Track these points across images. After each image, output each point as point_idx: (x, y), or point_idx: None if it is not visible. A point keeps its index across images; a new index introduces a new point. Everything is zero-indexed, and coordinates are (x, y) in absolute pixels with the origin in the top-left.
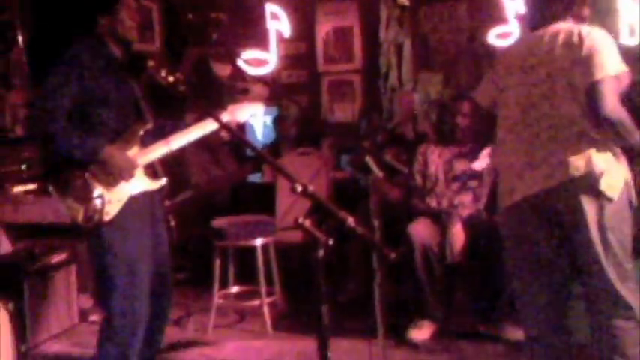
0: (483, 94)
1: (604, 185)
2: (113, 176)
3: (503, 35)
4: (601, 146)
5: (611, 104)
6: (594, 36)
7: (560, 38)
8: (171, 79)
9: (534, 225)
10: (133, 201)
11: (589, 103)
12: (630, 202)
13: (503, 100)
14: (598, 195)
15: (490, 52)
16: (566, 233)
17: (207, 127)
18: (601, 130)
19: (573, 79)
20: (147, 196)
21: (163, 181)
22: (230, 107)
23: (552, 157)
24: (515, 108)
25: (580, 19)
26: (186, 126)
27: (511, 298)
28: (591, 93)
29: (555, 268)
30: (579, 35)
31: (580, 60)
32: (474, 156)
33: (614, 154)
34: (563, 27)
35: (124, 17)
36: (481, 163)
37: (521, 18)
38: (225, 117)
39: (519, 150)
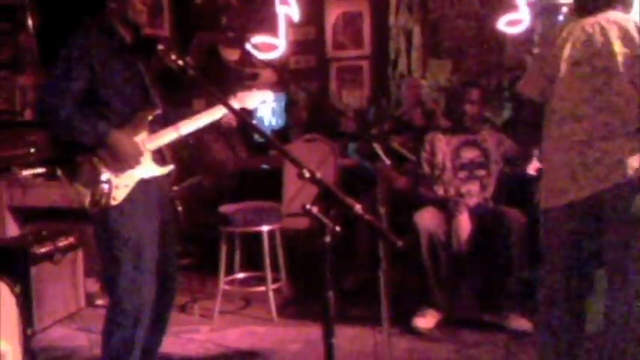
0: (533, 86)
1: None
2: (120, 162)
3: (513, 22)
4: None
5: None
6: None
7: (616, 30)
8: (180, 63)
9: (581, 223)
10: (140, 186)
11: None
12: None
13: (553, 92)
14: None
15: (500, 40)
16: (607, 227)
17: (216, 113)
18: None
19: (633, 75)
20: (154, 181)
21: (171, 166)
22: (239, 94)
23: (607, 157)
24: (565, 101)
25: (628, 6)
26: (194, 112)
27: (516, 289)
28: None
29: (588, 260)
30: (638, 30)
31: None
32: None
33: None
34: (616, 17)
35: (134, 0)
36: (535, 164)
37: (531, 4)
38: (234, 104)
39: (571, 147)
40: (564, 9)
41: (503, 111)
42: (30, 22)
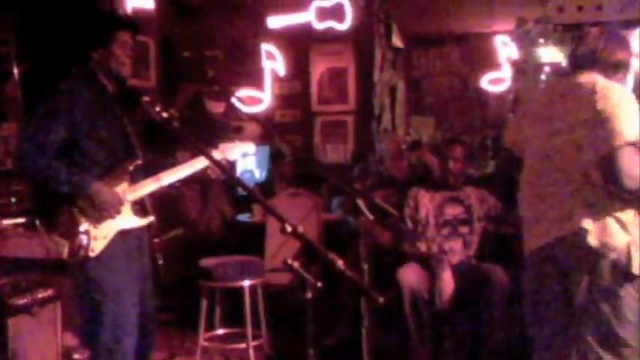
0: (509, 133)
1: (594, 243)
2: (100, 212)
3: (496, 81)
4: (599, 207)
5: (631, 174)
6: (611, 95)
7: (579, 91)
8: (165, 115)
9: (547, 278)
10: (119, 237)
11: (603, 172)
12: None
13: (528, 148)
14: (590, 254)
15: (482, 98)
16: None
17: (198, 164)
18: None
19: (584, 138)
20: (134, 232)
21: (151, 218)
22: (221, 146)
23: (549, 213)
24: (533, 157)
25: (611, 67)
26: (177, 162)
27: (499, 347)
28: (607, 163)
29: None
30: (595, 92)
31: (594, 120)
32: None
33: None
34: (586, 79)
35: (118, 53)
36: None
37: (513, 63)
38: (217, 155)
39: (531, 202)
40: (546, 69)
41: (487, 168)
42: (16, 71)
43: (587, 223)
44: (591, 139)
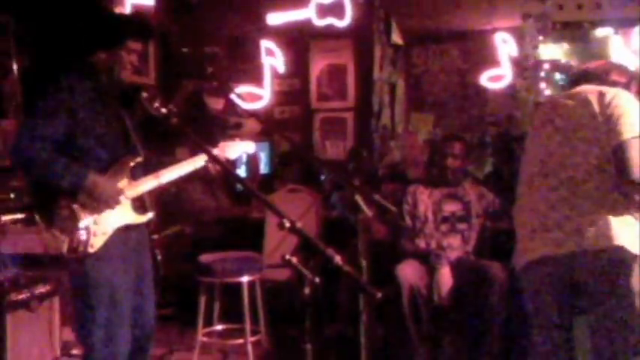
0: None
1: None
2: (98, 203)
3: (495, 78)
4: (619, 210)
5: (638, 166)
6: (620, 96)
7: (584, 96)
8: (164, 111)
9: (550, 288)
10: (118, 234)
11: (615, 165)
12: None
13: (525, 159)
14: (620, 264)
15: (482, 95)
16: (592, 300)
17: (198, 161)
18: (622, 190)
19: (593, 135)
20: (133, 229)
21: (151, 214)
22: (221, 144)
23: (567, 224)
24: (534, 160)
25: (612, 83)
26: (176, 160)
27: (497, 343)
28: (618, 154)
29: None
30: (603, 95)
31: (603, 119)
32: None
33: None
34: (590, 88)
35: (124, 57)
36: None
37: (513, 61)
38: (216, 153)
39: (534, 208)
40: (546, 66)
41: (485, 165)
42: (15, 67)
43: (623, 236)
44: (603, 135)
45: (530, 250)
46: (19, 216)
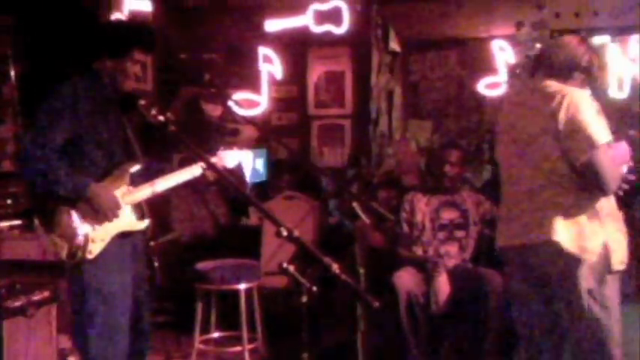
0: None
1: (573, 249)
2: (98, 215)
3: (493, 85)
4: (574, 211)
5: (614, 175)
6: (579, 104)
7: (539, 102)
8: (161, 118)
9: (517, 276)
10: (116, 240)
11: (589, 182)
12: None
13: (499, 153)
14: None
15: (479, 102)
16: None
17: (194, 170)
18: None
19: (549, 146)
20: (131, 235)
21: (148, 221)
22: (218, 153)
23: (523, 216)
24: (503, 163)
25: (570, 80)
26: (172, 168)
27: (494, 350)
28: (587, 173)
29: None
30: (560, 103)
31: (563, 131)
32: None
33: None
34: (544, 87)
35: (128, 67)
36: None
37: (511, 68)
38: (214, 160)
39: (507, 200)
40: None
41: (483, 172)
42: (13, 73)
43: (562, 232)
44: (564, 149)
45: (499, 236)
46: (16, 222)
